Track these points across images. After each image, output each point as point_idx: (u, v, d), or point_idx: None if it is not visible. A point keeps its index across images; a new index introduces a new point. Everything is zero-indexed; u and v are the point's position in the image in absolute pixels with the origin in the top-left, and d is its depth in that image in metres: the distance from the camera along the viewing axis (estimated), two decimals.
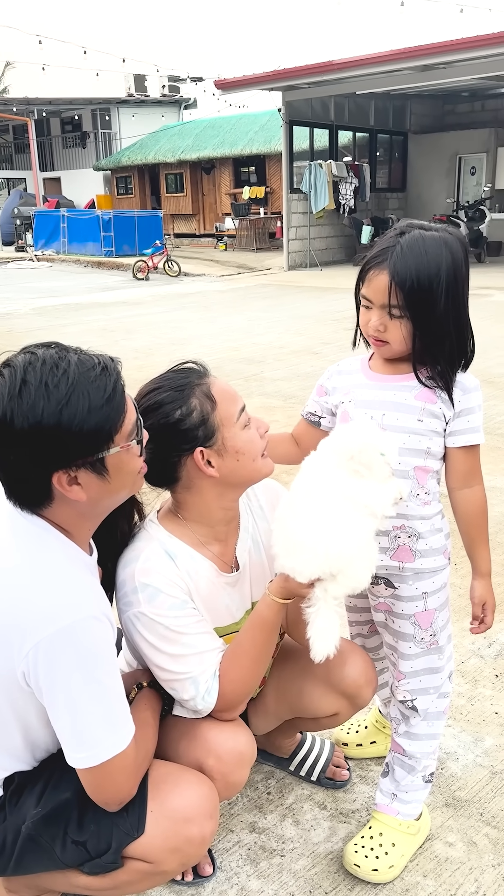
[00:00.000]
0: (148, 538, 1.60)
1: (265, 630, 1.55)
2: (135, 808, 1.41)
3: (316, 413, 1.85)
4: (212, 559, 1.63)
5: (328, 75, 14.01)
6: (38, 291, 13.93)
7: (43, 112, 29.21)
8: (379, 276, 1.57)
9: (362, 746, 2.17)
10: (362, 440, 1.47)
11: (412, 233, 1.57)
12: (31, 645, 1.28)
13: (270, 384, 6.46)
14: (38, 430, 1.26)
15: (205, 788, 1.47)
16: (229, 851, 1.84)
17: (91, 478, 1.34)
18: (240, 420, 1.56)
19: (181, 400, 1.52)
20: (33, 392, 1.26)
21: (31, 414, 1.26)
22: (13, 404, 1.26)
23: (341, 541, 1.41)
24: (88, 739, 1.32)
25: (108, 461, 1.34)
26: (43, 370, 1.28)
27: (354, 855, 1.76)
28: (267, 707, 1.87)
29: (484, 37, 12.00)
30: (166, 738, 1.61)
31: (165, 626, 1.51)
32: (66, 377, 1.28)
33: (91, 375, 1.30)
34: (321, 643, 1.44)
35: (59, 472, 1.31)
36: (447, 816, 1.93)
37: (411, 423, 1.64)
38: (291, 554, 1.45)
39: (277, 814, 1.96)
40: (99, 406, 1.30)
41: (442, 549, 1.73)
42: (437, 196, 18.17)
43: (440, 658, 1.79)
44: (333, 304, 11.07)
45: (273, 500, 1.78)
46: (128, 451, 1.37)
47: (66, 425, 1.27)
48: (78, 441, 1.29)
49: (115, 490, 1.39)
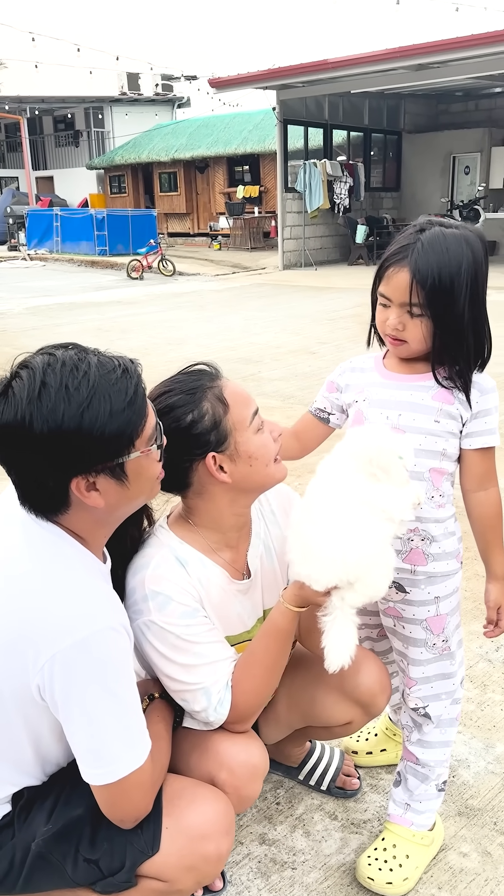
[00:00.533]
0: (158, 544, 1.55)
1: (279, 639, 1.51)
2: (149, 826, 1.37)
3: (325, 409, 1.81)
4: (223, 566, 1.59)
5: (323, 74, 13.98)
6: (31, 291, 13.85)
7: (35, 110, 29.09)
8: (399, 273, 1.53)
9: (372, 754, 2.13)
10: (379, 444, 1.44)
11: (433, 230, 1.53)
12: (46, 658, 1.23)
13: (269, 384, 6.42)
14: (59, 434, 1.22)
15: (221, 804, 1.43)
16: (239, 864, 1.80)
17: (110, 483, 1.30)
18: (253, 424, 1.52)
19: (193, 403, 1.48)
20: (53, 395, 1.21)
21: (52, 418, 1.21)
22: (32, 407, 1.21)
23: (360, 548, 1.37)
24: (106, 755, 1.28)
25: (128, 466, 1.30)
26: (63, 372, 1.23)
27: (368, 868, 1.73)
28: (278, 716, 1.83)
29: (478, 36, 11.99)
30: (177, 750, 1.56)
31: (176, 636, 1.47)
32: (86, 379, 1.23)
33: (112, 378, 1.26)
34: (336, 653, 1.40)
35: (78, 478, 1.27)
36: (460, 826, 1.90)
37: (428, 423, 1.60)
38: (308, 561, 1.41)
39: (287, 825, 1.92)
40: (120, 409, 1.25)
41: (455, 553, 1.70)
42: (432, 195, 18.16)
43: (452, 663, 1.76)
44: (329, 304, 11.04)
45: (285, 505, 1.74)
46: (147, 455, 1.33)
47: (87, 429, 1.22)
48: (99, 446, 1.25)
49: (133, 496, 1.35)
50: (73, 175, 29.96)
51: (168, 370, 1.60)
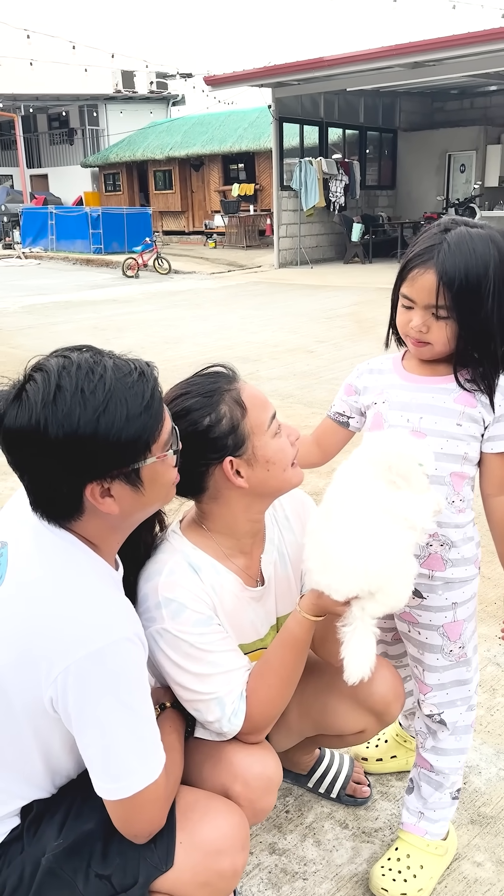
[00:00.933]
0: (171, 550, 1.52)
1: (295, 648, 1.48)
2: (163, 840, 1.33)
3: (344, 413, 1.78)
4: (237, 573, 1.56)
5: (318, 72, 13.94)
6: (26, 289, 13.78)
7: (30, 108, 28.99)
8: (424, 275, 1.49)
9: (382, 761, 2.10)
10: (399, 450, 1.40)
11: (458, 229, 1.49)
12: (60, 669, 1.19)
13: (267, 383, 6.38)
14: (74, 439, 1.18)
15: (235, 818, 1.39)
16: (250, 875, 1.77)
17: (125, 490, 1.26)
18: (270, 428, 1.48)
19: (210, 406, 1.44)
20: (69, 399, 1.18)
21: (67, 422, 1.17)
22: (48, 412, 1.18)
23: (382, 557, 1.33)
24: (120, 770, 1.24)
25: (144, 472, 1.27)
26: (78, 375, 1.20)
27: (382, 878, 1.70)
28: (289, 724, 1.79)
29: (474, 34, 11.97)
30: (189, 761, 1.53)
31: (190, 644, 1.44)
32: (102, 383, 1.20)
33: (128, 381, 1.22)
34: (357, 665, 1.37)
35: (93, 484, 1.23)
36: (474, 834, 1.87)
37: (450, 427, 1.57)
38: (328, 570, 1.37)
39: (297, 833, 1.89)
40: (137, 414, 1.22)
41: (473, 559, 1.67)
42: (427, 193, 18.15)
43: (468, 670, 1.73)
44: (326, 302, 11.01)
45: (299, 511, 1.70)
46: (164, 461, 1.29)
47: (103, 434, 1.19)
48: (115, 451, 1.21)
49: (148, 502, 1.32)
50: (67, 173, 29.86)
51: (165, 369, 1.56)
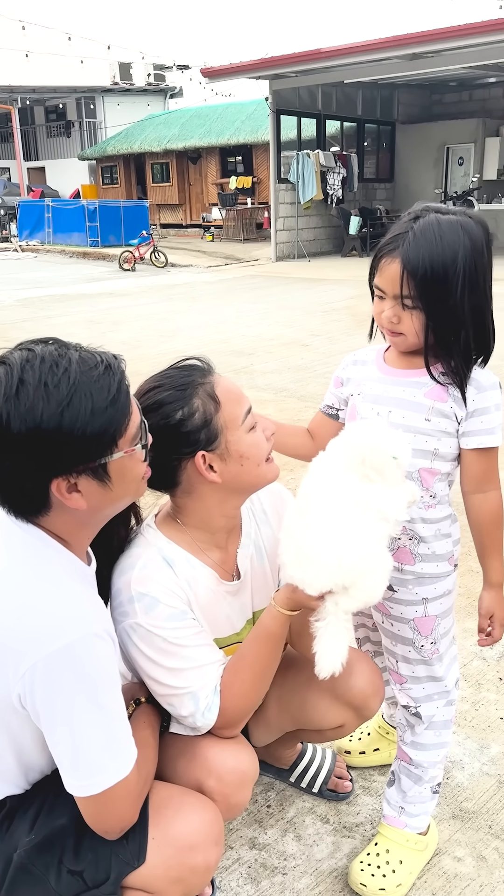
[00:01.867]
0: (146, 544, 1.50)
1: (270, 643, 1.46)
2: (135, 836, 1.32)
3: (333, 406, 1.76)
4: (212, 567, 1.54)
5: (316, 63, 13.86)
6: (22, 282, 13.74)
7: (27, 100, 28.87)
8: (391, 264, 1.47)
9: (365, 754, 2.09)
10: (372, 443, 1.38)
11: (427, 217, 1.46)
12: (27, 666, 1.18)
13: (261, 377, 6.36)
14: (37, 434, 1.16)
15: (209, 813, 1.39)
16: (229, 870, 1.76)
17: (92, 485, 1.24)
18: (245, 422, 1.46)
19: (183, 400, 1.42)
20: (32, 393, 1.16)
21: (30, 416, 1.16)
22: (10, 406, 1.16)
23: (356, 552, 1.32)
24: (89, 766, 1.23)
25: (111, 467, 1.25)
26: (42, 368, 1.18)
27: (360, 874, 1.69)
28: (268, 719, 1.78)
29: (473, 25, 11.90)
30: (163, 756, 1.52)
31: (163, 638, 1.42)
32: (66, 376, 1.18)
33: (93, 375, 1.20)
34: (328, 660, 1.36)
35: (59, 479, 1.21)
36: (455, 829, 1.86)
37: (418, 422, 1.55)
38: (301, 565, 1.36)
39: (278, 828, 1.88)
40: (102, 408, 1.20)
41: (447, 556, 1.64)
42: (425, 186, 18.08)
43: (440, 666, 1.71)
44: (322, 296, 10.98)
45: (277, 505, 1.69)
46: (132, 456, 1.27)
47: (67, 429, 1.17)
48: (80, 446, 1.19)
49: (116, 497, 1.30)
50: (64, 166, 29.76)
51: (159, 363, 1.55)
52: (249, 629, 1.59)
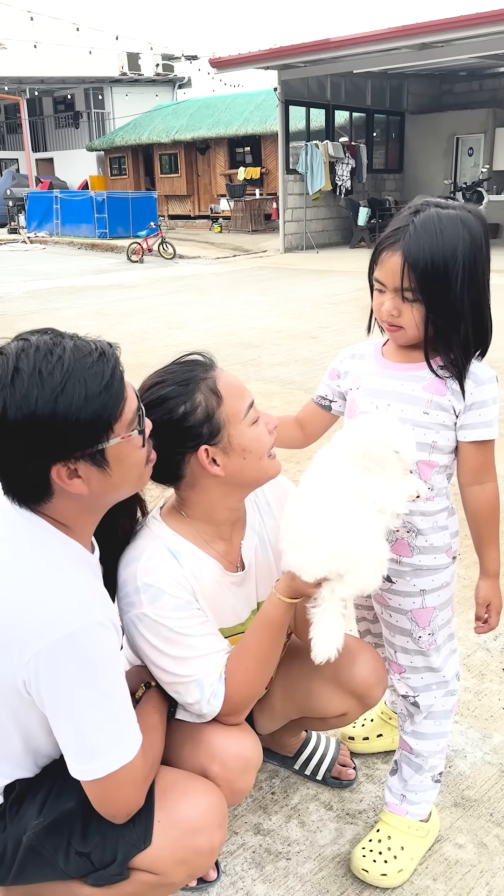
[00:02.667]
0: (151, 536, 1.53)
1: (272, 630, 1.49)
2: (141, 819, 1.36)
3: (327, 397, 1.78)
4: (217, 558, 1.57)
5: (325, 54, 13.80)
6: (31, 274, 13.77)
7: (35, 91, 28.85)
8: (392, 258, 1.49)
9: (369, 740, 2.12)
10: (373, 437, 1.40)
11: (427, 211, 1.48)
12: (31, 653, 1.21)
13: (268, 369, 6.38)
14: (33, 420, 1.19)
15: (213, 797, 1.42)
16: (234, 855, 1.79)
17: (91, 470, 1.27)
18: (247, 417, 1.49)
19: (186, 395, 1.45)
20: (26, 380, 1.19)
21: (25, 403, 1.19)
22: (5, 394, 1.19)
23: (349, 540, 1.35)
24: (93, 751, 1.26)
25: (109, 452, 1.27)
26: (36, 357, 1.21)
27: (362, 859, 1.72)
28: (273, 707, 1.81)
29: (483, 14, 11.81)
30: (169, 742, 1.55)
31: (169, 628, 1.45)
32: (60, 364, 1.21)
33: (87, 361, 1.23)
34: (323, 645, 1.39)
35: (58, 465, 1.24)
36: (456, 817, 1.89)
37: (416, 415, 1.57)
38: (298, 551, 1.40)
39: (282, 815, 1.91)
40: (96, 393, 1.22)
41: (445, 548, 1.66)
42: (435, 177, 17.99)
43: (438, 657, 1.73)
44: (330, 287, 10.96)
45: (281, 497, 1.71)
46: (129, 441, 1.30)
47: (61, 415, 1.20)
48: (75, 431, 1.22)
49: (118, 483, 1.32)
50: (73, 157, 29.73)
51: (167, 354, 1.57)
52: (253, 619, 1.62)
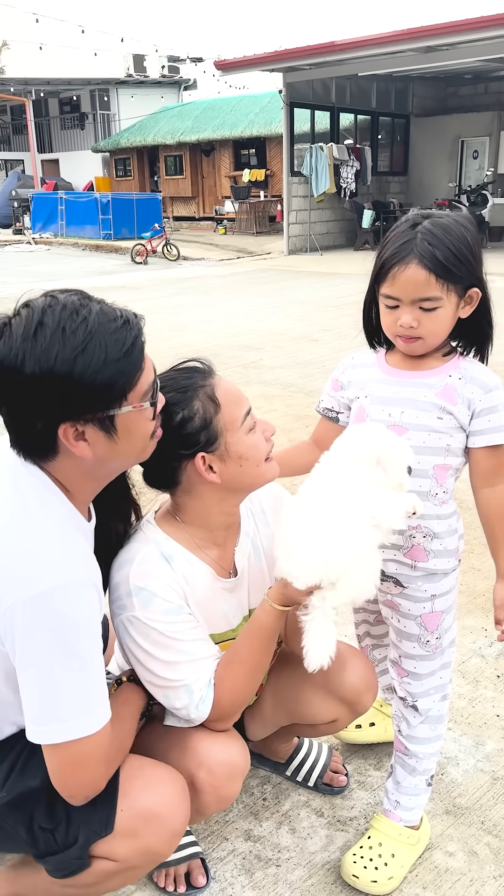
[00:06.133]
0: (144, 540, 1.53)
1: (263, 637, 1.49)
2: (105, 806, 1.35)
3: (333, 409, 1.79)
4: (210, 564, 1.57)
5: (330, 56, 13.81)
6: (35, 275, 13.79)
7: (41, 92, 28.90)
8: (406, 270, 1.49)
9: (361, 728, 2.12)
10: (394, 448, 1.41)
11: (425, 222, 1.51)
12: (8, 604, 1.21)
13: (269, 372, 6.38)
14: (49, 376, 1.20)
15: (178, 787, 1.42)
16: (223, 861, 1.79)
17: (99, 435, 1.27)
18: (244, 424, 1.49)
19: (184, 402, 1.45)
20: (49, 336, 1.19)
21: (44, 358, 1.19)
22: (26, 346, 1.19)
23: (341, 548, 1.35)
24: (54, 713, 1.24)
25: (119, 420, 1.28)
26: (62, 314, 1.21)
27: (353, 866, 1.71)
28: (264, 713, 1.81)
29: (488, 18, 11.80)
30: (155, 748, 1.55)
31: (159, 632, 1.45)
32: (84, 324, 1.21)
33: (111, 327, 1.24)
34: (315, 653, 1.39)
35: (66, 425, 1.25)
36: (447, 825, 1.88)
37: (431, 420, 1.58)
38: (290, 558, 1.40)
39: (273, 821, 1.91)
40: (115, 359, 1.23)
41: (455, 551, 1.68)
42: (440, 180, 17.99)
43: (441, 659, 1.74)
44: (333, 290, 10.96)
45: (276, 505, 1.72)
46: (140, 412, 1.30)
47: (78, 375, 1.20)
48: (89, 393, 1.23)
49: (122, 452, 1.32)
50: (78, 158, 29.79)
51: (170, 356, 1.58)
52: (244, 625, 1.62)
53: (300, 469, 1.77)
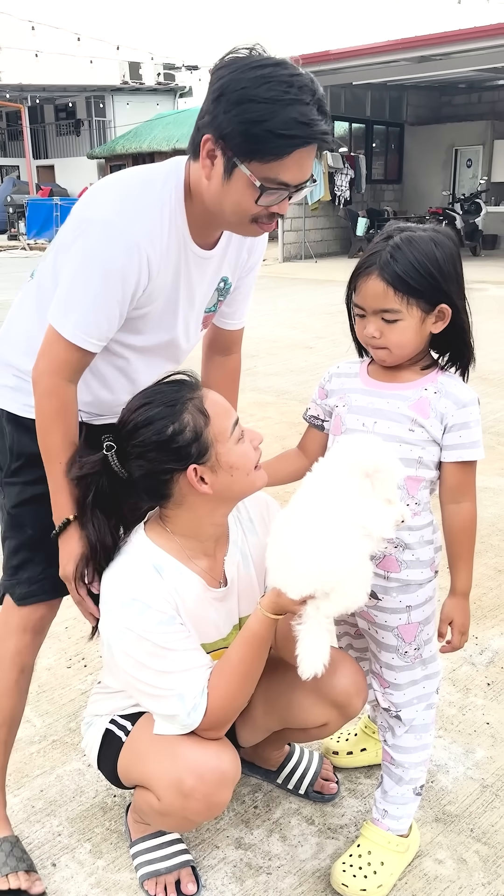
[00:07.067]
0: (135, 551, 1.55)
1: (255, 646, 1.51)
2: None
3: (319, 416, 1.81)
4: (200, 574, 1.58)
5: (325, 65, 13.87)
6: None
7: (36, 99, 28.95)
8: (368, 282, 1.53)
9: (353, 754, 2.13)
10: (384, 461, 1.43)
11: (399, 235, 1.54)
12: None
13: (263, 379, 6.40)
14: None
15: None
16: (214, 868, 1.80)
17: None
18: (234, 434, 1.51)
19: (173, 416, 1.46)
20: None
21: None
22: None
23: (334, 559, 1.36)
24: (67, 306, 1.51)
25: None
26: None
27: (342, 874, 1.72)
28: (255, 719, 1.82)
29: (481, 28, 11.91)
30: (145, 755, 1.56)
31: (152, 643, 1.47)
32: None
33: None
34: (309, 662, 1.40)
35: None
36: (437, 832, 1.89)
37: (402, 432, 1.59)
38: (284, 569, 1.41)
39: (264, 829, 1.92)
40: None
41: (429, 562, 1.68)
42: (434, 188, 18.08)
43: (424, 670, 1.75)
44: (328, 297, 10.99)
45: (263, 514, 1.73)
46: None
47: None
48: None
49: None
50: (73, 164, 29.83)
51: None
52: (235, 634, 1.63)
53: (287, 477, 1.78)
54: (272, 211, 1.48)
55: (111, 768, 1.68)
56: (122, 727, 1.67)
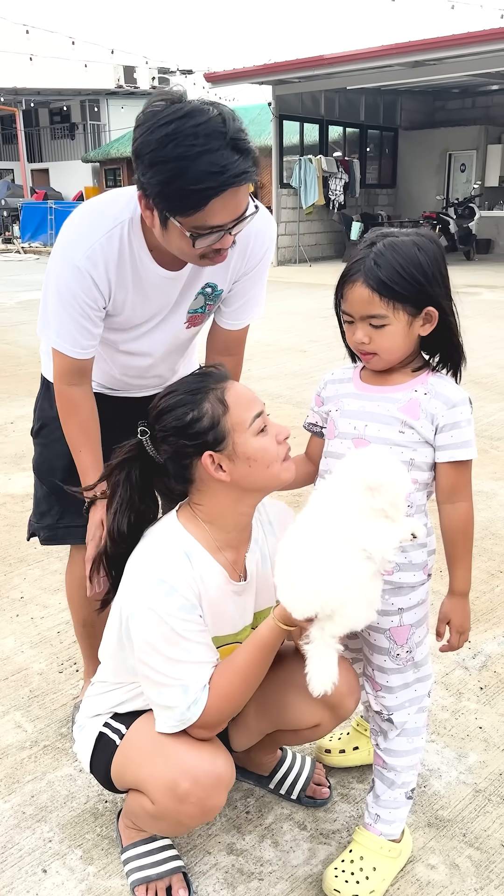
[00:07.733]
0: (168, 534, 1.58)
1: (263, 651, 1.52)
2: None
3: (317, 424, 1.82)
4: (224, 565, 1.61)
5: (319, 70, 13.92)
6: (24, 284, 13.78)
7: (31, 102, 28.98)
8: (353, 288, 1.55)
9: (345, 753, 2.12)
10: (389, 476, 1.42)
11: (382, 241, 1.55)
12: None
13: (257, 383, 6.39)
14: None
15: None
16: (206, 875, 1.79)
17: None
18: (252, 426, 1.53)
19: (194, 403, 1.52)
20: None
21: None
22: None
23: (334, 583, 1.37)
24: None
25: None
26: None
27: (335, 880, 1.72)
28: (248, 722, 1.81)
29: (475, 33, 11.96)
30: (138, 757, 1.56)
31: (171, 627, 1.48)
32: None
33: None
34: (318, 681, 1.41)
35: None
36: (429, 837, 1.89)
37: (392, 434, 1.60)
38: (287, 591, 1.43)
39: (256, 834, 1.91)
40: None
41: (422, 565, 1.68)
42: (427, 193, 18.14)
43: (416, 673, 1.75)
44: (322, 301, 10.98)
45: (282, 518, 1.76)
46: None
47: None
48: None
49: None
50: (68, 168, 29.86)
51: None
52: (248, 631, 1.65)
53: (298, 481, 1.80)
54: (215, 248, 1.54)
55: (104, 772, 1.68)
56: (116, 730, 1.66)
